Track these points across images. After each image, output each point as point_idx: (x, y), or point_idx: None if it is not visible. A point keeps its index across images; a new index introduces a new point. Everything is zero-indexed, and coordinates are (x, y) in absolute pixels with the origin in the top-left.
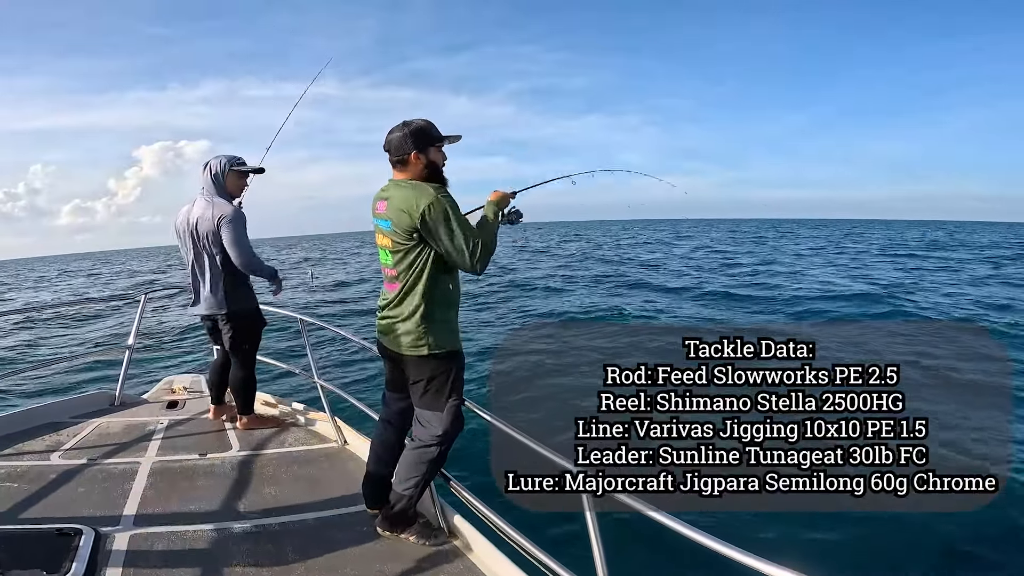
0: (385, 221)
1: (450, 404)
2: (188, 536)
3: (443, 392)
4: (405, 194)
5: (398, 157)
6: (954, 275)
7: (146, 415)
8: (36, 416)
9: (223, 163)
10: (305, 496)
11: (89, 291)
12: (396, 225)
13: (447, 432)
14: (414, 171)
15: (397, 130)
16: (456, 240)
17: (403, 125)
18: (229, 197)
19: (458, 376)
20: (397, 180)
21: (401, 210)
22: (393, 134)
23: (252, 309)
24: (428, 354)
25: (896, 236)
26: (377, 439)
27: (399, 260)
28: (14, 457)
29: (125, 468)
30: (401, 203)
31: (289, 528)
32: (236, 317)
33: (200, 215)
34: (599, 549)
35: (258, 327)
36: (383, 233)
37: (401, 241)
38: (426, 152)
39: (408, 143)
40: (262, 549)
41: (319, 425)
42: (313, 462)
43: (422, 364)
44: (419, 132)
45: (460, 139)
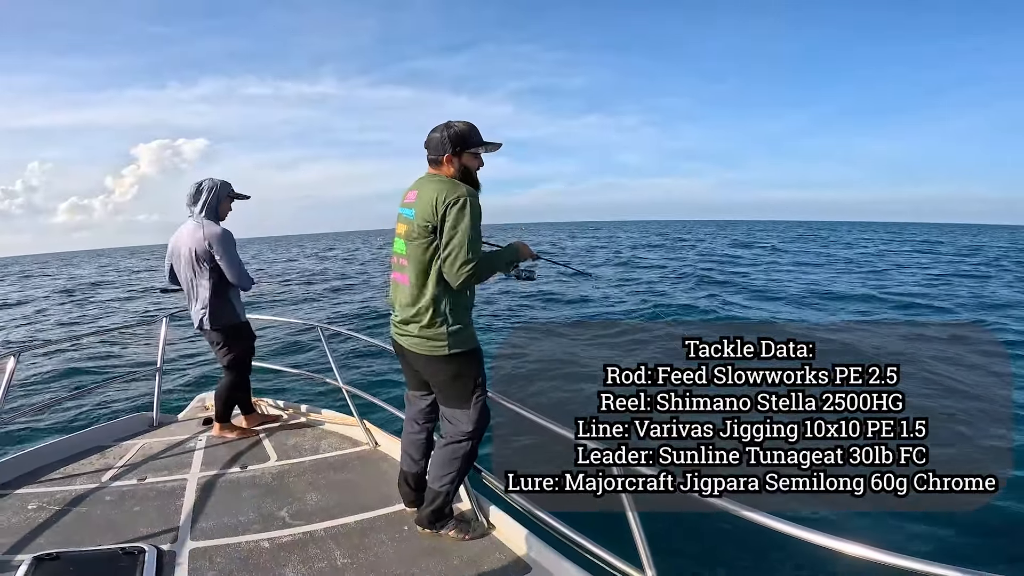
0: (410, 210)
1: (475, 399)
2: (243, 547)
3: (467, 389)
4: (436, 188)
5: (434, 156)
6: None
7: (184, 433)
8: (81, 442)
9: (219, 189)
10: (345, 500)
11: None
12: (419, 215)
13: (476, 427)
14: (446, 172)
15: (439, 130)
16: (459, 242)
17: (445, 126)
18: (218, 219)
19: (479, 371)
20: (431, 174)
21: (429, 200)
22: (434, 133)
23: (236, 324)
24: (448, 354)
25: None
26: (406, 439)
27: (412, 251)
28: (65, 481)
29: (174, 486)
30: (432, 193)
31: (334, 533)
32: (220, 332)
33: (191, 236)
34: (639, 532)
35: (244, 341)
36: (405, 221)
37: (420, 229)
38: (460, 156)
39: (445, 145)
40: (312, 555)
41: (349, 429)
42: (348, 466)
43: (443, 364)
44: (457, 136)
45: (500, 147)
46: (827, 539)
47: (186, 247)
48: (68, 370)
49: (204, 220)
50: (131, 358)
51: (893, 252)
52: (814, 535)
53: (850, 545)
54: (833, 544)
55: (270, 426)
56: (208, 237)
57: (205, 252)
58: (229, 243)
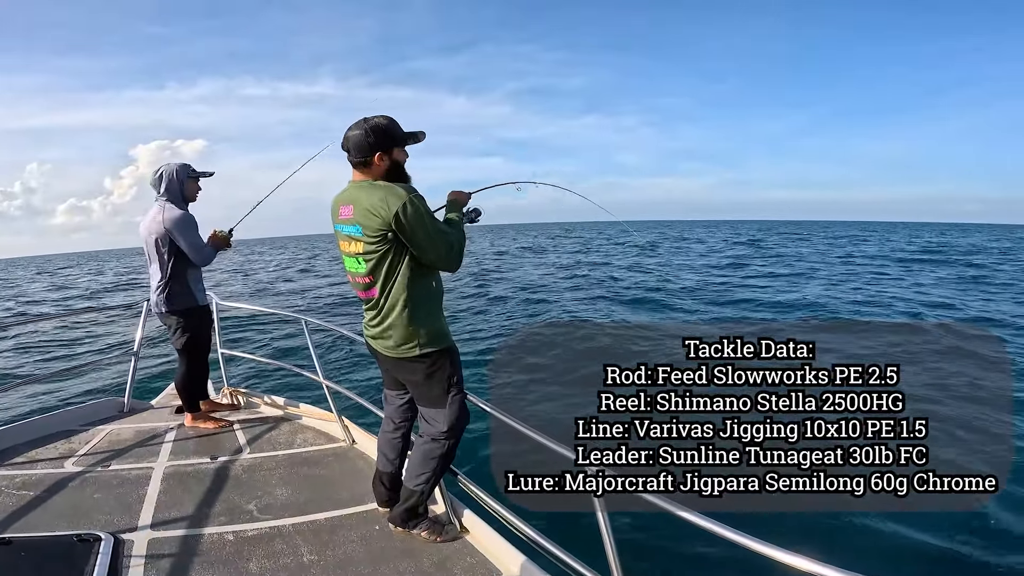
0: (353, 227)
1: (451, 399)
2: (204, 539)
3: (442, 388)
4: (373, 195)
5: (360, 158)
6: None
7: (155, 420)
8: (48, 425)
9: (179, 171)
10: (316, 496)
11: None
12: (366, 229)
13: (453, 427)
14: (376, 172)
15: (357, 127)
16: (434, 240)
17: (363, 122)
18: (185, 203)
19: (454, 371)
20: (358, 182)
21: (371, 212)
22: (353, 132)
23: (192, 307)
24: (420, 354)
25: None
26: (382, 438)
27: (374, 267)
28: (28, 465)
29: (139, 473)
30: (370, 205)
31: (302, 528)
32: (174, 315)
33: (152, 220)
34: (610, 540)
35: (196, 325)
36: (352, 239)
37: (373, 246)
38: (390, 153)
39: (371, 143)
40: (277, 550)
41: (327, 425)
42: (322, 462)
43: (416, 365)
44: (382, 131)
45: (424, 137)
46: (779, 552)
47: (147, 231)
48: (42, 351)
49: (166, 204)
50: (111, 342)
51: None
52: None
53: (808, 563)
54: (784, 558)
55: (244, 417)
56: (166, 221)
57: (163, 236)
58: (188, 225)
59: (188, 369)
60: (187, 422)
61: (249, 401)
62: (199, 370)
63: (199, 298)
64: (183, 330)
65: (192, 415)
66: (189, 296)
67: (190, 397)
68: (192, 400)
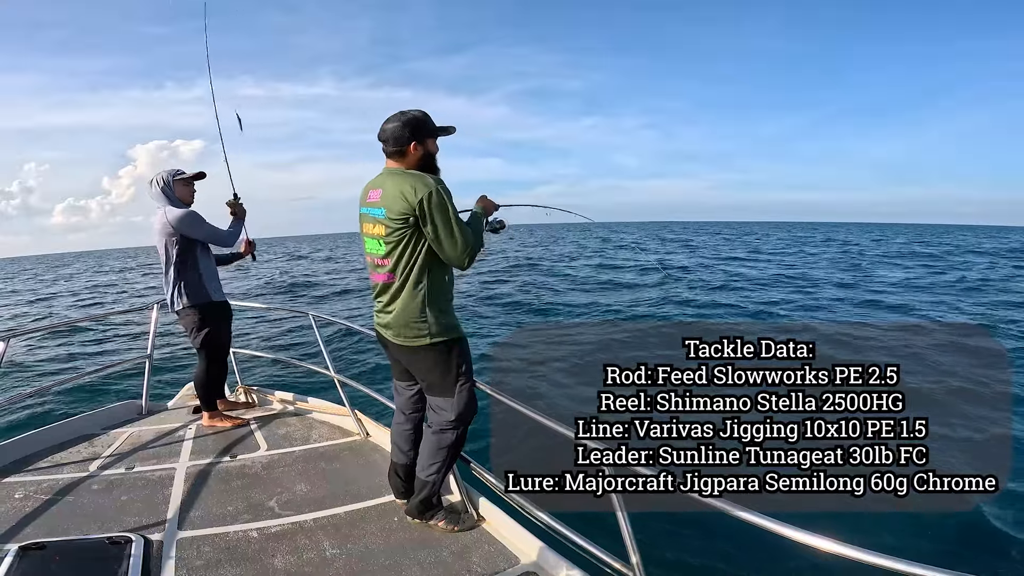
0: (378, 210)
1: (460, 388)
2: (231, 537)
3: (451, 378)
4: (403, 182)
5: (396, 148)
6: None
7: (174, 422)
8: (69, 430)
9: (166, 177)
10: (335, 490)
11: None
12: (390, 211)
13: (461, 415)
14: (410, 161)
15: (394, 120)
16: (452, 231)
17: (400, 115)
18: (182, 205)
19: (463, 360)
20: (392, 169)
21: (398, 196)
22: (390, 124)
23: (207, 303)
24: (430, 343)
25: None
26: (395, 430)
27: (391, 249)
28: (54, 470)
29: (162, 475)
30: (398, 190)
31: (323, 523)
32: (191, 312)
33: (158, 223)
34: (626, 524)
35: (217, 321)
36: (375, 222)
37: (396, 228)
38: (424, 143)
39: (406, 134)
40: (301, 545)
41: (340, 419)
42: (338, 456)
43: (425, 354)
44: (417, 123)
45: (455, 131)
46: (810, 537)
47: (156, 234)
48: (58, 356)
49: (167, 207)
50: (122, 345)
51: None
52: (801, 534)
53: (831, 543)
54: (815, 542)
55: (259, 415)
56: (172, 221)
57: (170, 236)
58: (194, 220)
59: (207, 368)
60: (204, 421)
61: (263, 398)
62: (217, 369)
63: (214, 295)
64: (199, 327)
65: (209, 414)
66: (202, 292)
67: (207, 396)
68: (209, 399)
